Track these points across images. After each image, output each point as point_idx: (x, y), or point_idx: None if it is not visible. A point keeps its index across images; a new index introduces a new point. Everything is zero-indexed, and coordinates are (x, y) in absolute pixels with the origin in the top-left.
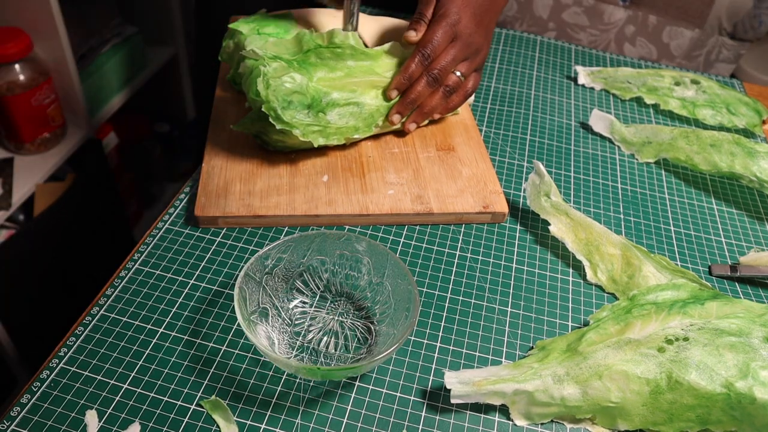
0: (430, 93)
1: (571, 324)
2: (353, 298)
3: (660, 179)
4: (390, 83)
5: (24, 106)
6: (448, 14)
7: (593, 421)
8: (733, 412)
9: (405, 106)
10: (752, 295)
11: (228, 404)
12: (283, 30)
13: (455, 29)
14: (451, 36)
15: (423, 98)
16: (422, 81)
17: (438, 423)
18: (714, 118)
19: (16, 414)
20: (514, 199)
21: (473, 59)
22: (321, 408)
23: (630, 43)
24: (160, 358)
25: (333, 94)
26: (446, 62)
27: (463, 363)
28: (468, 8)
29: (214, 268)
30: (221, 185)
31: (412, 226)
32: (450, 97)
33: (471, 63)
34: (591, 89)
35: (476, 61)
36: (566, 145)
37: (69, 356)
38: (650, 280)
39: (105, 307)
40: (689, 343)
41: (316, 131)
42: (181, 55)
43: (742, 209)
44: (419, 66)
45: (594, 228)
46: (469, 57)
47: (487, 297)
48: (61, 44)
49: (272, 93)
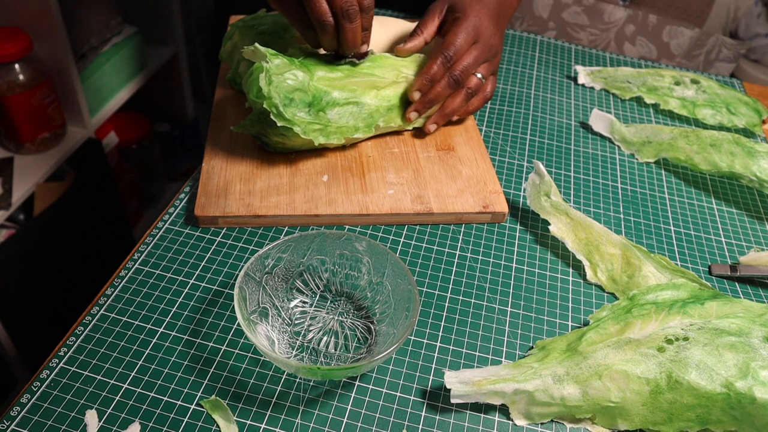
0: (450, 94)
1: (571, 324)
2: (353, 297)
3: (660, 179)
4: (412, 84)
5: (24, 106)
6: (468, 16)
7: (593, 420)
8: (733, 412)
9: (424, 105)
10: (752, 295)
11: (228, 404)
12: (282, 30)
13: (477, 31)
14: (473, 38)
15: (442, 98)
16: (443, 82)
17: (438, 423)
18: (714, 117)
19: (16, 414)
20: (514, 199)
21: (492, 61)
22: (321, 408)
23: (630, 43)
24: (160, 357)
25: (333, 93)
26: (468, 63)
27: (463, 363)
28: (485, 10)
29: (214, 268)
30: (221, 185)
31: (412, 225)
32: (470, 100)
33: (490, 65)
34: (591, 89)
35: (494, 63)
36: (566, 144)
37: (69, 356)
38: (650, 280)
39: (105, 306)
40: (689, 342)
41: (317, 130)
42: (181, 55)
43: (742, 209)
44: (441, 68)
45: (594, 228)
46: (489, 59)
47: (487, 297)
48: (61, 44)
49: (274, 89)
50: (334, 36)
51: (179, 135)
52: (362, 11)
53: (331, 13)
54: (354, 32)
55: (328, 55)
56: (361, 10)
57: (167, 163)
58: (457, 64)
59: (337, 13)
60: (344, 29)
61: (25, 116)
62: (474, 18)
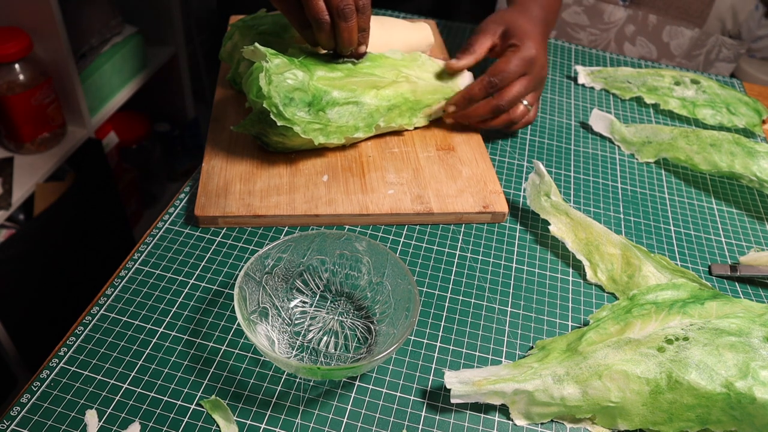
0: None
1: (571, 324)
2: (353, 297)
3: (660, 179)
4: (452, 97)
5: (24, 106)
6: (524, 48)
7: (593, 421)
8: (733, 412)
9: (460, 117)
10: (752, 295)
11: (228, 404)
12: (282, 30)
13: (530, 63)
14: (524, 69)
15: (481, 118)
16: (487, 106)
17: (438, 423)
18: (714, 117)
19: (16, 413)
20: (514, 199)
21: (538, 90)
22: (321, 408)
23: (630, 43)
24: (160, 357)
25: (333, 93)
26: (516, 94)
27: (463, 363)
28: (540, 38)
29: (214, 268)
30: (221, 185)
31: (412, 225)
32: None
33: (536, 93)
34: (591, 89)
35: (539, 91)
36: (566, 144)
37: (69, 356)
38: (650, 280)
39: (105, 306)
40: (689, 342)
41: (317, 129)
42: (181, 55)
43: (742, 209)
44: (483, 90)
45: (594, 228)
46: (536, 89)
47: (487, 297)
48: (61, 44)
49: (274, 89)
50: (331, 34)
51: (179, 135)
52: (358, 12)
53: (328, 12)
54: (350, 31)
55: (327, 55)
56: (357, 10)
57: (167, 163)
58: (506, 94)
59: (333, 12)
60: (340, 28)
61: (25, 116)
62: (530, 50)
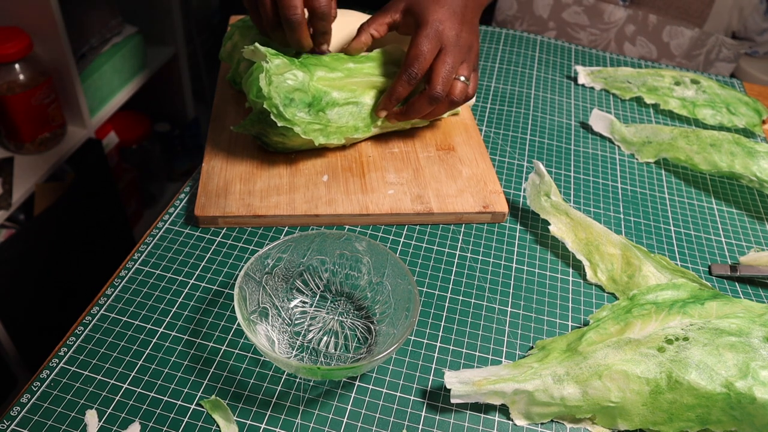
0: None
1: (571, 324)
2: (353, 297)
3: (660, 179)
4: (380, 101)
5: (24, 106)
6: (426, 23)
7: (593, 421)
8: (733, 412)
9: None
10: (752, 295)
11: (228, 404)
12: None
13: (439, 37)
14: (436, 46)
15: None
16: (425, 102)
17: (438, 423)
18: (714, 117)
19: (16, 413)
20: (514, 199)
21: (468, 59)
22: (321, 408)
23: (630, 43)
24: (160, 357)
25: (333, 93)
26: (445, 75)
27: (463, 363)
28: (443, 10)
29: (214, 268)
30: (221, 185)
31: (412, 225)
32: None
33: (468, 63)
34: (591, 89)
35: (471, 59)
36: (566, 145)
37: (69, 356)
38: (650, 280)
39: (105, 306)
40: (689, 342)
41: (317, 129)
42: (181, 55)
43: (742, 209)
44: (405, 87)
45: (594, 228)
46: (465, 58)
47: (487, 297)
48: (61, 44)
49: (274, 89)
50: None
51: (179, 135)
52: (318, 18)
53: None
54: (296, 39)
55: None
56: (315, 16)
57: (167, 163)
58: (435, 81)
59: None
60: (287, 34)
61: (25, 116)
62: (433, 24)
